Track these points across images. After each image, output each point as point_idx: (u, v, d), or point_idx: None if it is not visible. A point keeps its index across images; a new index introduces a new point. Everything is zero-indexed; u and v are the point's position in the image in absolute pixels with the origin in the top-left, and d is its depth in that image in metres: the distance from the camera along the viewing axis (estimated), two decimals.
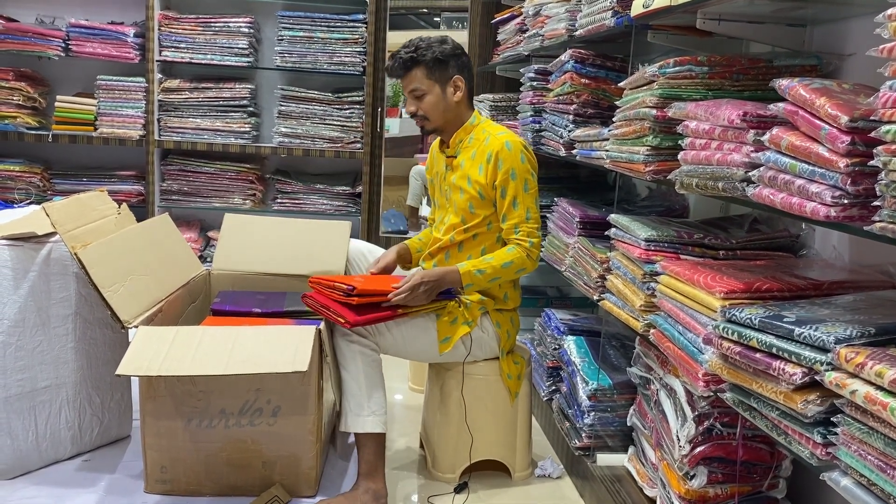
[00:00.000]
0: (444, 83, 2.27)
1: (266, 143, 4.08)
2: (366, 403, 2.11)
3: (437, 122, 2.30)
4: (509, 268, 2.22)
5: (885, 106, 1.07)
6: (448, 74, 2.27)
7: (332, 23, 3.91)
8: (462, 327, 2.22)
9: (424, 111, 2.28)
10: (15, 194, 3.80)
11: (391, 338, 2.16)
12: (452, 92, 2.28)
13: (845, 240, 1.80)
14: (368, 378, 2.11)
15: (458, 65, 2.29)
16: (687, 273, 1.63)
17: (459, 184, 2.29)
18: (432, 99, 2.27)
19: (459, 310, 2.22)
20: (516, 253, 2.22)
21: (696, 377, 1.56)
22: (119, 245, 2.21)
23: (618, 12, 2.19)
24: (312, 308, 2.14)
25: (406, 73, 2.27)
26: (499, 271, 2.21)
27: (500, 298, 2.32)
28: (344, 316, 2.00)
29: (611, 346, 2.55)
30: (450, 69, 2.27)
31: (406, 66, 2.26)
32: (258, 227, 2.72)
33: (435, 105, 2.27)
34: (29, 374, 2.14)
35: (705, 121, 1.59)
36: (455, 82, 2.28)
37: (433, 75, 2.26)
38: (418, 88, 2.26)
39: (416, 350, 2.25)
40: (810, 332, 1.22)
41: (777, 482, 1.81)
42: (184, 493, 2.12)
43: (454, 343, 2.21)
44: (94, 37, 3.79)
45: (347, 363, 2.11)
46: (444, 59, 2.26)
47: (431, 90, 2.26)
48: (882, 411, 1.03)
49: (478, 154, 2.27)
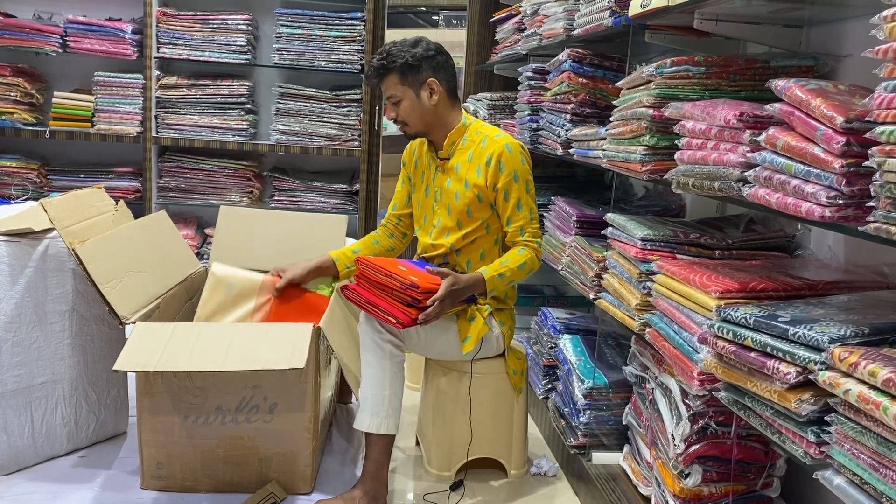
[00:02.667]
0: (418, 87, 2.24)
1: (264, 140, 4.07)
2: (386, 404, 2.08)
3: (417, 127, 2.29)
4: (523, 269, 2.22)
5: (879, 107, 1.07)
6: (421, 78, 2.24)
7: (330, 20, 3.91)
8: (482, 327, 2.21)
9: (403, 117, 2.27)
10: (12, 190, 3.80)
11: (417, 338, 2.15)
12: (428, 96, 2.25)
13: (840, 240, 1.81)
14: (393, 378, 2.09)
15: (431, 67, 2.25)
16: (683, 272, 1.64)
17: (455, 187, 2.28)
18: (408, 104, 2.25)
19: (472, 308, 2.22)
20: (528, 254, 2.22)
21: (691, 376, 1.57)
22: (116, 241, 2.21)
23: (615, 12, 2.20)
24: (354, 302, 2.09)
25: (380, 80, 2.26)
26: (515, 274, 2.21)
27: (501, 297, 2.33)
28: (396, 315, 1.95)
29: (607, 345, 2.56)
30: (422, 73, 2.24)
31: (378, 73, 2.25)
32: (254, 221, 2.72)
33: (412, 110, 2.26)
34: (25, 370, 2.14)
35: (702, 121, 1.60)
36: (430, 85, 2.24)
37: (406, 80, 2.24)
38: (394, 95, 2.25)
39: (441, 350, 2.25)
40: (805, 332, 1.22)
41: (771, 481, 1.81)
42: (180, 489, 2.12)
43: (476, 342, 2.19)
44: (91, 33, 3.78)
45: (375, 360, 2.07)
46: (416, 63, 2.23)
47: (406, 95, 2.25)
48: (875, 410, 1.04)
49: (475, 156, 2.26)
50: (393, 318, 1.97)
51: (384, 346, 2.07)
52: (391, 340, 2.08)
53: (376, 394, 2.07)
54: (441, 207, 2.32)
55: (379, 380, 2.07)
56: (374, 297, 2.04)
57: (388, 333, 2.08)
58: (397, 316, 1.96)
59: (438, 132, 2.31)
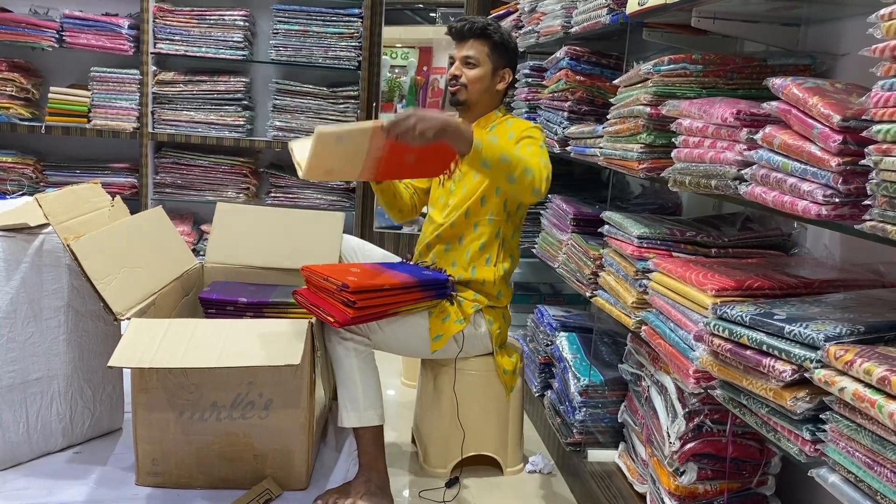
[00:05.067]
0: (497, 68, 2.34)
1: (260, 136, 4.07)
2: (362, 398, 2.10)
3: (471, 96, 2.34)
4: (521, 159, 1.99)
5: (876, 106, 1.07)
6: (504, 62, 2.35)
7: (327, 17, 3.91)
8: (454, 325, 2.21)
9: (468, 80, 2.32)
10: (7, 186, 3.79)
11: (383, 335, 2.16)
12: (499, 80, 2.35)
13: (836, 238, 1.81)
14: (363, 373, 2.11)
15: (514, 61, 2.39)
16: (679, 270, 1.64)
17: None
18: (480, 73, 2.32)
19: (452, 308, 2.22)
20: (529, 158, 2.04)
21: (686, 374, 1.57)
22: (112, 237, 2.20)
23: (613, 10, 2.20)
24: (302, 305, 2.12)
25: (472, 38, 2.32)
26: (511, 155, 1.98)
27: (494, 296, 2.32)
28: (333, 315, 1.98)
29: (603, 343, 2.56)
30: (507, 58, 2.35)
31: (475, 33, 2.32)
32: (250, 218, 2.71)
33: (480, 80, 2.32)
34: (20, 366, 2.13)
35: (699, 119, 1.60)
36: (505, 74, 2.35)
37: (493, 54, 2.33)
38: (474, 58, 2.31)
39: (408, 347, 2.25)
40: (800, 330, 1.22)
41: (766, 479, 1.82)
42: (175, 485, 2.12)
43: (446, 341, 2.21)
44: (88, 28, 3.77)
45: (341, 360, 2.11)
46: (511, 49, 2.36)
47: (484, 65, 2.32)
48: (870, 408, 1.04)
49: (499, 136, 2.29)
50: (331, 317, 1.99)
51: (346, 345, 2.09)
52: (353, 339, 2.10)
53: (350, 390, 2.10)
54: (458, 188, 2.36)
55: (349, 376, 2.09)
56: (317, 299, 2.06)
57: (348, 332, 2.09)
58: (335, 315, 1.98)
59: (476, 113, 2.37)
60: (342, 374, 2.11)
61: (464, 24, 2.34)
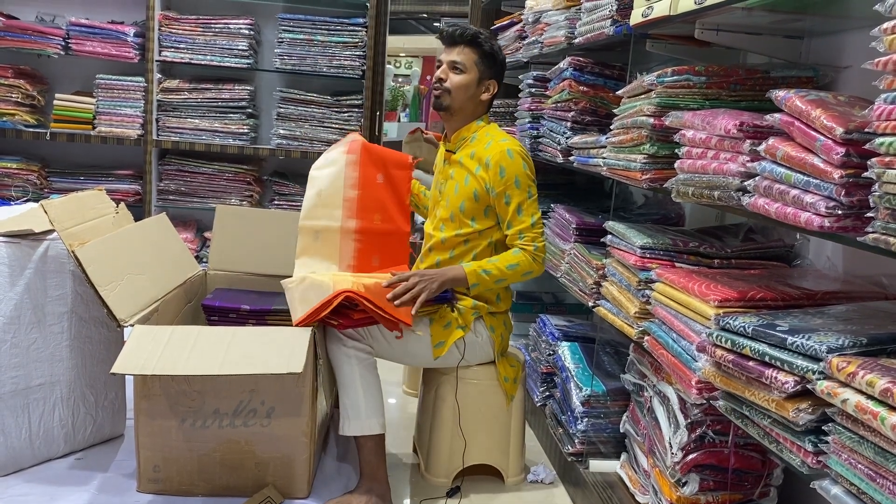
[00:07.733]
0: (484, 77, 2.33)
1: (264, 144, 4.08)
2: (363, 406, 2.11)
3: (454, 102, 2.33)
4: (515, 270, 2.22)
5: (879, 118, 1.08)
6: (490, 73, 2.34)
7: (332, 26, 3.92)
8: (456, 332, 2.22)
9: (453, 86, 2.31)
10: (12, 192, 3.79)
11: (385, 342, 2.16)
12: (483, 89, 2.35)
13: (839, 250, 1.81)
14: (364, 381, 2.12)
15: (500, 74, 2.38)
16: (681, 281, 1.64)
17: (456, 180, 2.31)
18: (466, 80, 2.31)
19: (453, 315, 2.22)
20: (521, 256, 2.22)
21: (689, 384, 1.57)
22: (116, 244, 2.21)
23: (617, 21, 2.21)
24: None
25: (462, 44, 2.32)
26: (505, 273, 2.21)
27: (493, 301, 2.33)
28: (337, 318, 2.01)
29: (605, 353, 2.56)
30: (493, 70, 2.35)
31: (466, 39, 2.32)
32: (251, 221, 2.71)
33: (464, 87, 2.31)
34: (23, 372, 2.14)
35: (702, 130, 1.60)
36: (490, 84, 2.35)
37: (480, 63, 2.32)
38: (461, 63, 2.31)
39: (410, 355, 2.25)
40: (803, 342, 1.23)
41: (768, 490, 1.81)
42: (176, 492, 2.11)
43: (448, 348, 2.21)
44: (94, 36, 3.79)
45: (343, 367, 2.12)
46: (498, 60, 2.36)
47: (470, 72, 2.31)
48: (872, 420, 1.04)
49: (476, 154, 2.28)
50: (334, 321, 2.04)
51: (349, 353, 2.11)
52: (355, 346, 2.12)
53: (352, 398, 2.11)
54: (443, 199, 2.37)
55: (351, 385, 2.11)
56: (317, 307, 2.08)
57: (350, 340, 2.12)
58: (338, 318, 2.03)
59: (459, 121, 2.37)
60: (344, 382, 2.12)
61: (455, 29, 2.34)
